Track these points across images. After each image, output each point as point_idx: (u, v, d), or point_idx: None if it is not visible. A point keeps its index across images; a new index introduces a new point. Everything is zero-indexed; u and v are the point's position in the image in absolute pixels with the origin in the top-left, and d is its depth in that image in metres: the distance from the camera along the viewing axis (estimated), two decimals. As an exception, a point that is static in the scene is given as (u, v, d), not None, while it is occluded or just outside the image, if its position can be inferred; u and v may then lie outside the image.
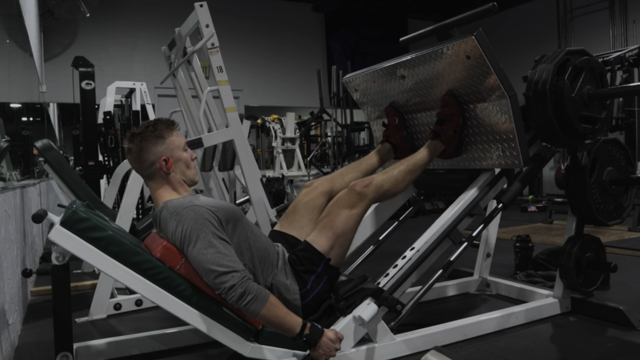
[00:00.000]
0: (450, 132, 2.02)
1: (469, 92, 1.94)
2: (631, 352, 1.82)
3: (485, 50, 1.78)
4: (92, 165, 4.13)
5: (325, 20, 9.22)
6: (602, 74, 2.01)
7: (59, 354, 1.58)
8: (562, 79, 1.88)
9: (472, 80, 1.89)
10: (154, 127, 1.72)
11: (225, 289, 1.51)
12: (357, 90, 2.46)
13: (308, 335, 1.58)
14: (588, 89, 1.94)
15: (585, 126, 1.95)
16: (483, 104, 1.93)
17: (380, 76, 2.26)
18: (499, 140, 1.92)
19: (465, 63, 1.86)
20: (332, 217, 1.81)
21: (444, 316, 2.13)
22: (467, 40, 1.79)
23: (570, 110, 1.88)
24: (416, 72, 2.08)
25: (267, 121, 7.11)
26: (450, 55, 1.88)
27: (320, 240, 1.78)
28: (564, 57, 1.92)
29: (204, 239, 1.55)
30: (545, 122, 1.91)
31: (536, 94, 1.91)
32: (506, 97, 1.83)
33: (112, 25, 7.40)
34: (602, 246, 2.23)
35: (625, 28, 7.63)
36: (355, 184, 1.85)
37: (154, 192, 1.75)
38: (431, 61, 1.98)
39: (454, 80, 1.96)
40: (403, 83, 2.17)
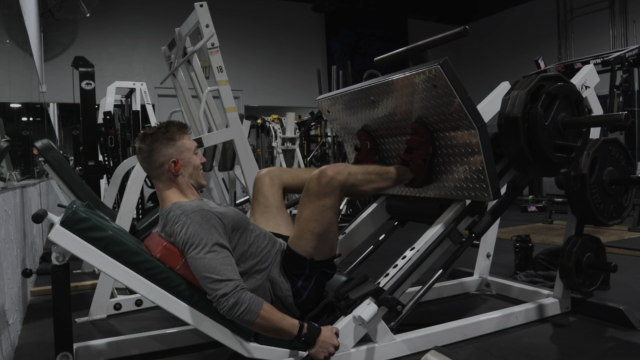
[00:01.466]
0: (420, 161, 1.93)
1: (438, 120, 1.86)
2: (631, 352, 1.82)
3: (452, 79, 1.70)
4: (92, 165, 4.13)
5: (325, 20, 9.22)
6: (578, 100, 1.92)
7: (59, 354, 1.58)
8: (535, 106, 1.82)
9: (440, 109, 1.81)
10: (166, 129, 1.73)
11: (217, 297, 1.50)
12: (330, 112, 2.36)
13: (306, 334, 1.58)
14: (563, 117, 1.87)
15: (560, 155, 1.87)
16: (452, 132, 1.84)
17: (352, 99, 2.16)
18: (468, 171, 1.83)
19: (433, 91, 1.77)
20: (306, 214, 1.72)
21: (444, 316, 2.13)
22: (432, 69, 1.71)
23: (543, 140, 1.81)
24: (386, 98, 1.99)
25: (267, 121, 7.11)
26: (418, 83, 1.80)
27: (301, 243, 1.73)
28: (538, 83, 1.85)
29: (206, 244, 1.55)
30: (518, 151, 1.83)
31: (508, 123, 1.83)
32: (475, 128, 1.75)
33: (112, 25, 7.41)
34: (602, 246, 2.23)
35: (625, 28, 7.63)
36: (326, 168, 1.73)
37: (160, 193, 1.75)
38: (400, 88, 1.89)
39: (422, 108, 1.87)
40: (373, 108, 2.08)
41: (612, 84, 4.62)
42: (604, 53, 4.95)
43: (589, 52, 6.12)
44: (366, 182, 1.84)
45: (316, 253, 1.73)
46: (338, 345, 1.62)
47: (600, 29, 7.88)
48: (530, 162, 1.85)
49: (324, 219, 1.71)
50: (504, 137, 1.87)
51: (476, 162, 1.79)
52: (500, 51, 9.27)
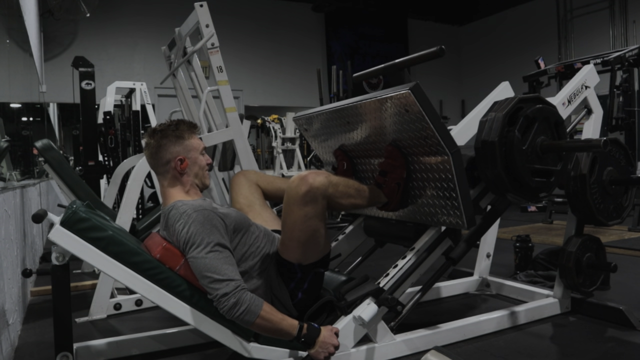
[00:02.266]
0: (393, 185, 1.86)
1: (412, 144, 1.79)
2: (631, 352, 1.82)
3: (423, 104, 1.63)
4: (92, 165, 4.13)
5: (325, 20, 9.23)
6: (558, 123, 1.88)
7: (59, 354, 1.58)
8: (512, 130, 1.76)
9: (413, 133, 1.74)
10: (176, 127, 1.74)
11: (217, 296, 1.50)
12: (308, 130, 2.30)
13: (306, 335, 1.58)
14: (542, 140, 1.82)
15: (539, 180, 1.82)
16: (427, 157, 1.77)
17: (327, 119, 2.11)
18: (442, 197, 1.76)
19: (405, 116, 1.71)
20: (290, 223, 1.67)
21: (444, 316, 2.13)
22: (403, 94, 1.64)
23: (520, 165, 1.76)
24: (360, 119, 1.93)
25: (267, 121, 7.12)
26: (389, 106, 1.74)
27: (289, 252, 1.71)
28: (516, 105, 1.80)
29: (207, 244, 1.55)
30: (495, 176, 1.78)
31: (485, 147, 1.78)
32: (448, 154, 1.68)
33: (112, 25, 7.41)
34: (602, 246, 2.23)
35: (625, 28, 7.63)
36: (307, 175, 1.65)
37: (164, 190, 1.75)
38: (372, 110, 1.83)
39: (396, 131, 1.81)
40: (349, 129, 2.03)
41: (612, 84, 4.62)
42: (604, 53, 4.95)
43: (589, 52, 6.12)
44: (345, 196, 1.76)
45: (305, 258, 1.72)
46: (338, 345, 1.62)
47: (600, 29, 7.89)
48: (507, 188, 1.80)
49: (308, 227, 1.66)
50: (481, 162, 1.82)
51: (450, 189, 1.73)
52: (500, 51, 9.28)
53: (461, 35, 10.40)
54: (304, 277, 1.74)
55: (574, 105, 2.22)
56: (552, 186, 1.89)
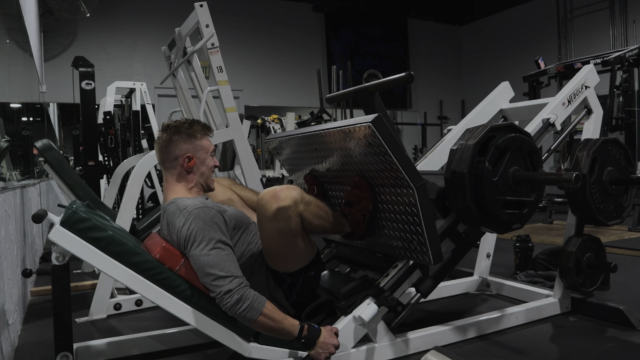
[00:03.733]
0: (359, 216, 1.81)
1: (378, 176, 1.72)
2: (631, 352, 1.82)
3: (385, 137, 1.56)
4: (92, 165, 4.13)
5: (325, 20, 9.23)
6: (532, 152, 1.82)
7: (59, 354, 1.58)
8: (483, 160, 1.71)
9: (378, 165, 1.67)
10: (189, 125, 1.76)
11: (221, 293, 1.50)
12: (280, 154, 2.26)
13: (306, 336, 1.58)
14: (514, 171, 1.77)
15: (510, 212, 1.77)
16: (393, 189, 1.70)
17: (297, 144, 2.05)
18: (409, 232, 1.69)
19: (368, 148, 1.64)
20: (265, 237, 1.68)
21: (444, 316, 2.13)
22: (364, 126, 1.57)
23: (490, 197, 1.70)
24: (326, 147, 1.86)
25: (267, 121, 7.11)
26: (354, 137, 1.66)
27: (272, 262, 1.72)
28: (487, 134, 1.74)
29: (209, 241, 1.55)
30: (464, 208, 1.74)
31: (454, 177, 1.73)
32: (412, 188, 1.61)
33: (112, 25, 7.41)
34: (602, 246, 2.23)
35: (625, 28, 7.63)
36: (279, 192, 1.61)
37: (168, 186, 1.76)
38: (337, 140, 1.77)
39: (362, 162, 1.74)
40: (317, 155, 1.97)
41: (612, 84, 4.63)
42: (604, 53, 4.95)
43: (589, 52, 6.12)
44: (316, 217, 1.69)
45: (289, 266, 1.72)
46: (338, 345, 1.62)
47: (600, 29, 7.88)
48: (477, 220, 1.75)
49: (283, 242, 1.65)
50: (450, 193, 1.77)
51: (416, 223, 1.65)
52: (500, 51, 9.28)
53: (461, 35, 10.40)
54: (293, 282, 1.74)
55: (574, 105, 2.22)
56: (525, 217, 1.83)
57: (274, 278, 1.75)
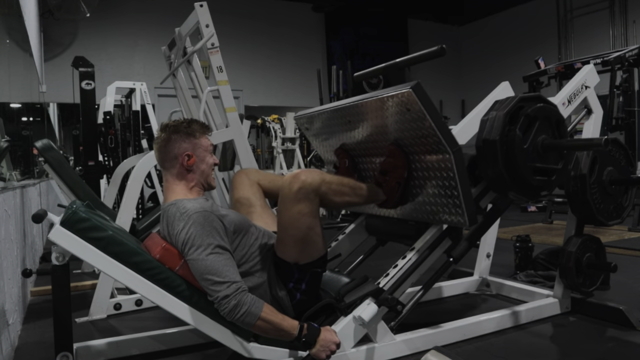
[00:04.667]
0: (393, 184, 1.88)
1: (414, 143, 1.80)
2: (631, 352, 1.82)
3: (424, 103, 1.64)
4: (92, 165, 4.13)
5: (325, 20, 9.22)
6: (559, 122, 1.88)
7: (59, 354, 1.58)
8: (513, 129, 1.76)
9: (414, 132, 1.75)
10: (188, 124, 1.76)
11: (218, 298, 1.50)
12: (309, 129, 2.32)
13: (307, 335, 1.58)
14: (543, 139, 1.82)
15: (540, 178, 1.82)
16: (428, 156, 1.78)
17: (328, 118, 2.12)
18: (444, 196, 1.77)
19: (406, 115, 1.71)
20: (284, 221, 1.69)
21: (444, 316, 2.13)
22: (404, 93, 1.65)
23: (521, 163, 1.76)
24: (361, 119, 1.94)
25: (267, 121, 7.11)
26: (390, 105, 1.74)
27: (286, 251, 1.72)
28: (517, 104, 1.80)
29: (207, 246, 1.55)
30: (496, 174, 1.78)
31: (486, 145, 1.78)
32: (449, 153, 1.69)
33: (112, 25, 7.41)
34: (602, 246, 2.23)
35: (625, 28, 7.63)
36: (299, 173, 1.68)
37: (168, 186, 1.76)
38: (373, 110, 1.84)
39: (397, 130, 1.81)
40: (350, 128, 2.04)
41: (612, 84, 4.62)
42: (604, 53, 4.95)
43: (589, 52, 6.12)
44: (339, 194, 1.77)
45: (300, 257, 1.72)
46: (339, 343, 1.62)
47: (600, 29, 7.88)
48: (508, 186, 1.80)
49: (302, 224, 1.66)
50: (482, 161, 1.81)
51: (451, 187, 1.73)
52: (501, 51, 9.27)
53: (461, 35, 10.40)
54: (301, 278, 1.73)
55: (574, 105, 2.22)
56: (553, 185, 1.89)
57: (281, 275, 1.74)
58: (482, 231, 1.93)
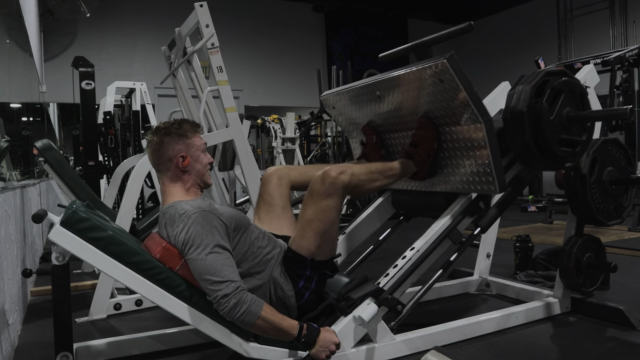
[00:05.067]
0: (424, 155, 1.97)
1: (444, 114, 1.88)
2: (631, 352, 1.82)
3: (458, 73, 1.72)
4: (92, 165, 4.13)
5: (325, 20, 9.22)
6: (583, 95, 1.95)
7: (59, 354, 1.58)
8: (540, 101, 1.83)
9: (446, 103, 1.83)
10: (178, 125, 1.75)
11: (217, 298, 1.50)
12: (335, 108, 2.39)
13: (306, 335, 1.58)
14: (568, 112, 1.89)
15: (565, 149, 1.89)
16: (458, 127, 1.87)
17: (357, 95, 2.18)
18: (474, 165, 1.86)
19: (439, 86, 1.79)
20: (310, 214, 1.73)
21: (444, 316, 2.13)
22: (438, 63, 1.72)
23: (548, 134, 1.83)
24: (392, 93, 2.01)
25: (267, 121, 7.11)
26: (424, 77, 1.82)
27: (304, 243, 1.73)
28: (543, 78, 1.86)
29: (206, 245, 1.55)
30: (524, 145, 1.85)
31: (514, 117, 1.85)
32: (481, 122, 1.77)
33: (112, 25, 7.41)
34: (602, 246, 2.23)
35: (625, 28, 7.63)
36: (330, 169, 1.75)
37: (165, 189, 1.75)
38: (406, 82, 1.91)
39: (429, 103, 1.89)
40: (379, 103, 2.10)
41: (612, 84, 4.62)
42: (604, 53, 4.95)
43: (589, 52, 6.12)
44: (369, 181, 1.87)
45: (318, 252, 1.73)
46: (339, 343, 1.62)
47: (600, 29, 7.88)
48: (535, 157, 1.87)
49: (327, 218, 1.72)
50: (509, 132, 1.89)
51: (482, 156, 1.82)
52: (500, 51, 9.27)
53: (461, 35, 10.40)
54: (312, 275, 1.74)
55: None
56: (577, 156, 1.96)
57: (292, 272, 1.74)
58: (510, 199, 1.98)
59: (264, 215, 1.98)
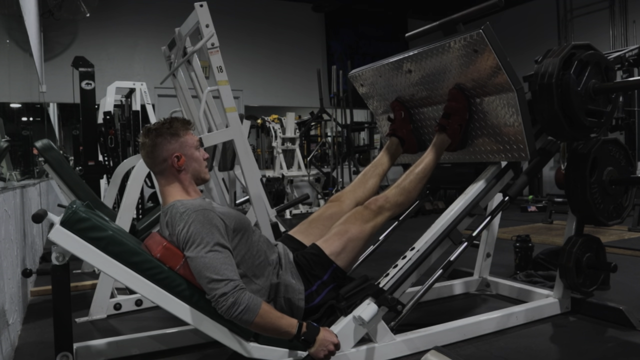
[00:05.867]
0: (456, 126, 2.02)
1: (476, 85, 1.95)
2: (631, 352, 1.82)
3: (493, 44, 1.80)
4: (92, 165, 4.13)
5: (325, 20, 9.22)
6: (608, 68, 2.01)
7: (59, 354, 1.58)
8: (568, 73, 1.90)
9: (479, 74, 1.90)
10: (170, 125, 1.74)
11: (215, 296, 1.50)
12: (364, 86, 2.47)
13: (306, 333, 1.58)
14: (594, 83, 1.96)
15: (591, 119, 1.96)
16: (490, 97, 1.93)
17: (387, 71, 2.27)
18: (505, 134, 1.93)
19: (473, 57, 1.87)
20: (347, 224, 1.85)
21: (444, 316, 2.13)
22: (474, 34, 1.80)
23: (576, 104, 1.89)
24: (423, 67, 2.08)
25: (267, 121, 7.11)
26: (458, 49, 1.89)
27: (331, 242, 1.78)
28: (570, 51, 1.93)
29: (207, 243, 1.55)
30: (552, 115, 1.92)
31: (542, 88, 1.91)
32: (513, 91, 1.84)
33: (112, 25, 7.40)
34: (602, 246, 2.23)
35: (625, 28, 7.63)
36: (370, 203, 1.90)
37: (163, 189, 1.75)
38: (438, 55, 1.99)
39: (461, 75, 1.97)
40: (410, 77, 2.18)
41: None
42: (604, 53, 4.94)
43: (589, 52, 6.11)
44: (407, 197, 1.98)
45: (340, 257, 1.79)
46: (338, 343, 1.62)
47: (600, 29, 7.88)
48: (563, 126, 1.93)
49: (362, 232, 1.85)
50: (538, 103, 1.94)
51: (514, 124, 1.88)
52: (500, 51, 9.27)
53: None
54: (327, 282, 1.77)
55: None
56: (602, 126, 2.01)
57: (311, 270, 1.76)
58: (539, 168, 2.05)
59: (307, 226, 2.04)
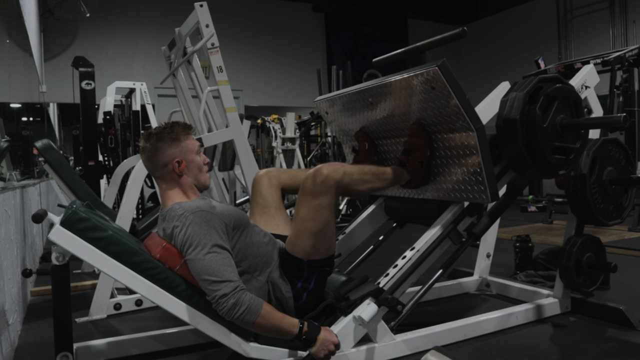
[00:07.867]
0: (417, 163, 1.93)
1: (437, 122, 1.86)
2: (631, 352, 1.82)
3: (450, 81, 1.69)
4: (92, 165, 4.13)
5: (325, 20, 9.23)
6: (577, 102, 1.92)
7: (59, 354, 1.58)
8: (533, 108, 1.82)
9: (438, 110, 1.81)
10: (171, 129, 1.74)
11: (216, 298, 1.50)
12: (328, 114, 2.36)
13: (307, 332, 1.58)
14: (561, 119, 1.87)
15: (559, 157, 1.87)
16: (451, 134, 1.84)
17: (349, 101, 2.16)
18: (466, 173, 1.83)
19: (431, 93, 1.77)
20: (303, 213, 1.72)
21: (444, 316, 2.13)
22: (430, 71, 1.71)
23: (541, 141, 1.81)
24: (384, 99, 1.99)
25: (267, 121, 7.11)
26: (416, 84, 1.80)
27: (299, 243, 1.73)
28: (537, 85, 1.84)
29: (205, 245, 1.54)
30: (516, 153, 1.84)
31: (507, 124, 1.82)
32: (473, 130, 1.75)
33: (112, 25, 7.41)
34: (602, 246, 2.23)
35: (625, 28, 7.63)
36: (322, 167, 1.73)
37: (163, 193, 1.75)
38: (398, 89, 1.89)
39: (421, 110, 1.87)
40: (372, 109, 2.08)
41: (612, 84, 4.62)
42: (604, 53, 4.95)
43: (589, 52, 6.12)
44: (362, 182, 1.83)
45: (314, 252, 1.73)
46: (338, 343, 1.62)
47: (600, 29, 7.88)
48: (528, 164, 1.85)
49: (321, 217, 1.71)
50: (502, 139, 1.86)
51: (474, 164, 1.79)
52: (500, 51, 9.27)
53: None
54: (309, 276, 1.74)
55: (574, 105, 2.22)
56: (571, 163, 1.95)
57: (289, 274, 1.75)
58: (503, 208, 1.97)
59: (259, 216, 1.99)
